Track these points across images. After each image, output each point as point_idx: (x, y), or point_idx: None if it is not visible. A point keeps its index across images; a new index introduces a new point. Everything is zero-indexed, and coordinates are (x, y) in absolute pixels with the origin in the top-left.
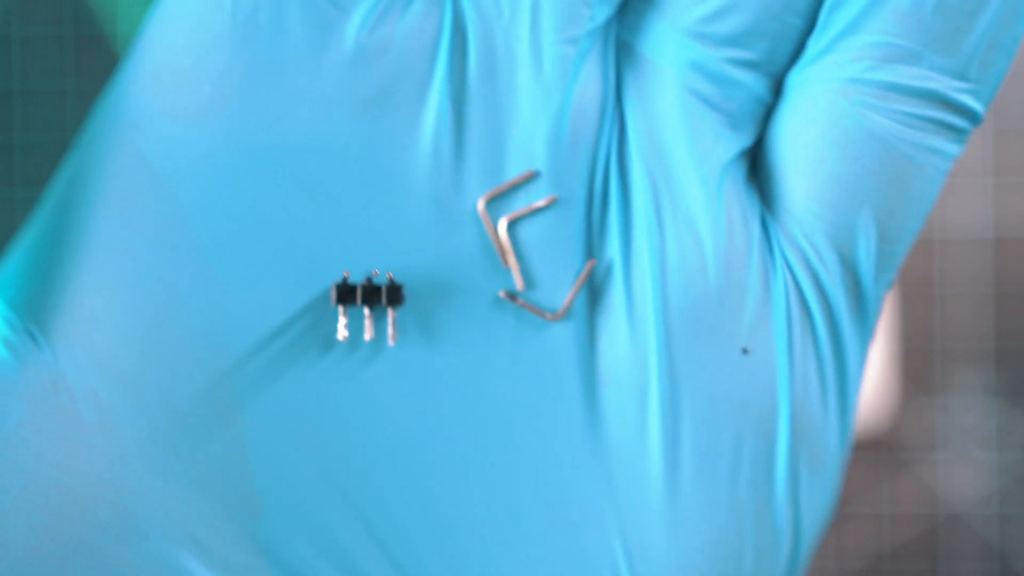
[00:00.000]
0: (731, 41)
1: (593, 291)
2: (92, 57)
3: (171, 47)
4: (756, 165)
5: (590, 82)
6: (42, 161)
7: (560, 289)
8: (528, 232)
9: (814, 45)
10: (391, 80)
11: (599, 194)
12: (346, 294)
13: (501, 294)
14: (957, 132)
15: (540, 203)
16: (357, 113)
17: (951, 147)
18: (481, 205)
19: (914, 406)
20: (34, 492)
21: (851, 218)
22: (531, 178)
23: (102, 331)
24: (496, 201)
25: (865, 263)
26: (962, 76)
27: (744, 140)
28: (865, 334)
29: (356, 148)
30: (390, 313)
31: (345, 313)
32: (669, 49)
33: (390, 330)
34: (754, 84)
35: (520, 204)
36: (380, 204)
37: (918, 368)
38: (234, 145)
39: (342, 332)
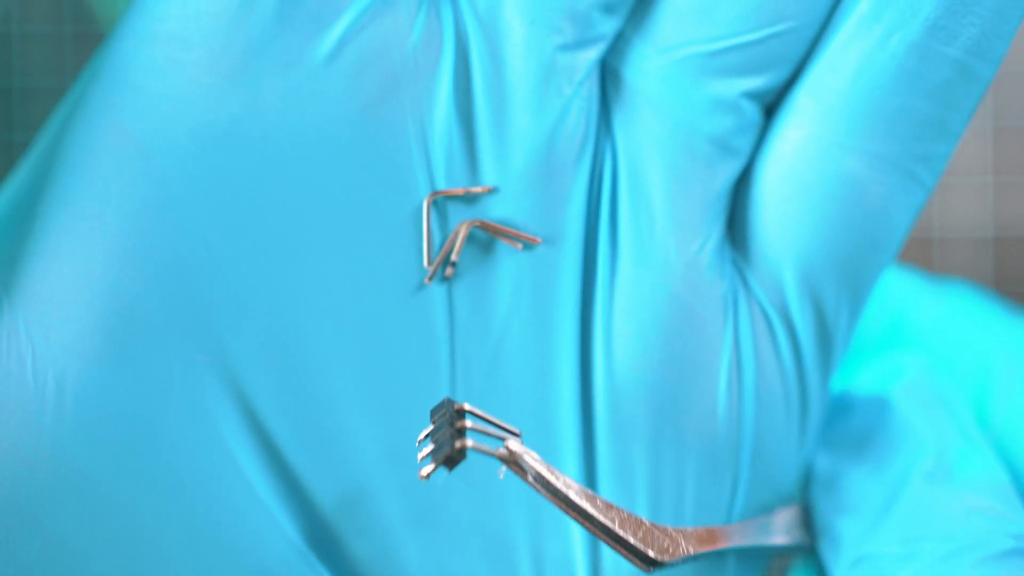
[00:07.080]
0: (723, 71)
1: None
2: (92, 56)
3: (160, 33)
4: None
5: (576, 112)
6: None
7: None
8: (513, 259)
9: (795, 85)
10: (395, 80)
11: (583, 222)
12: None
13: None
14: (919, 182)
15: (477, 189)
16: (360, 109)
17: (912, 197)
18: (427, 202)
19: None
20: None
21: (817, 254)
22: (491, 192)
23: (70, 301)
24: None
25: (830, 298)
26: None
27: (735, 165)
28: (828, 365)
29: (357, 144)
30: None
31: None
32: (656, 76)
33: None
34: (747, 109)
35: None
36: (381, 201)
37: None
38: (225, 131)
39: None
